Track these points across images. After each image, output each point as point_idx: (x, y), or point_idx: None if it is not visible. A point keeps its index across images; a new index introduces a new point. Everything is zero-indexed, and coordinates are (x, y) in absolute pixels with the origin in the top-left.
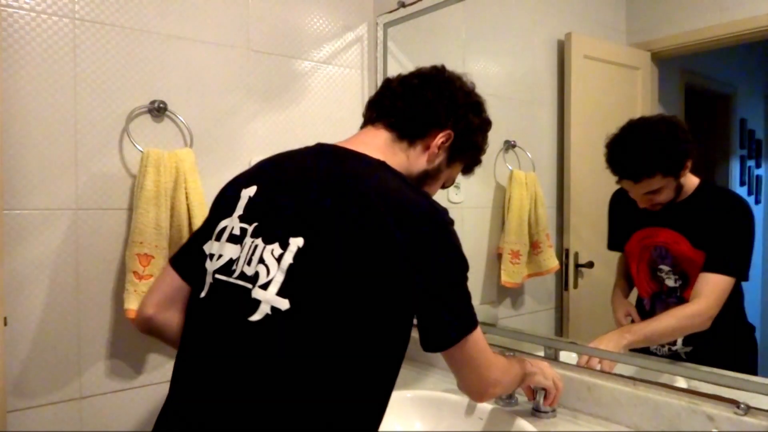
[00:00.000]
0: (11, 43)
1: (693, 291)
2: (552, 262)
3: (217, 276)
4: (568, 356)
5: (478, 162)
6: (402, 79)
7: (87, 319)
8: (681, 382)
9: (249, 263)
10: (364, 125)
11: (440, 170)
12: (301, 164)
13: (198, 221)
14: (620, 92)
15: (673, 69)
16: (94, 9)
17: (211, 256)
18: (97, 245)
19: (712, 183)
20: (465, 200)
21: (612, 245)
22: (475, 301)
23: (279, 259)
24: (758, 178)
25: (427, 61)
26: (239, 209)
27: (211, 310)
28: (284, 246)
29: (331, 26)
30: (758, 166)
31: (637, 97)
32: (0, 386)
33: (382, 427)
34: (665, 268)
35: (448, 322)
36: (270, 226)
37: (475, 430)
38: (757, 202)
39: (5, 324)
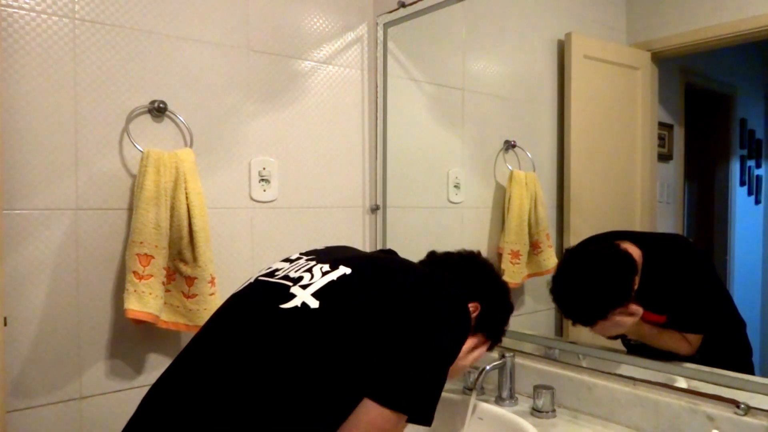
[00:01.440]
0: (11, 43)
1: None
2: (552, 261)
3: (260, 278)
4: (568, 356)
5: (498, 341)
6: (444, 252)
7: (87, 319)
8: (681, 382)
9: (296, 271)
10: None
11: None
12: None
13: (198, 221)
14: (620, 92)
15: (673, 69)
16: (94, 9)
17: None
18: (97, 245)
19: (654, 251)
20: (465, 200)
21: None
22: None
23: (324, 274)
24: (758, 178)
25: (427, 62)
26: (308, 252)
27: (243, 300)
28: (333, 268)
29: (331, 26)
30: (758, 166)
31: (637, 97)
32: (0, 386)
33: None
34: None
35: (393, 382)
36: (326, 257)
37: (475, 430)
38: (757, 202)
39: (5, 324)
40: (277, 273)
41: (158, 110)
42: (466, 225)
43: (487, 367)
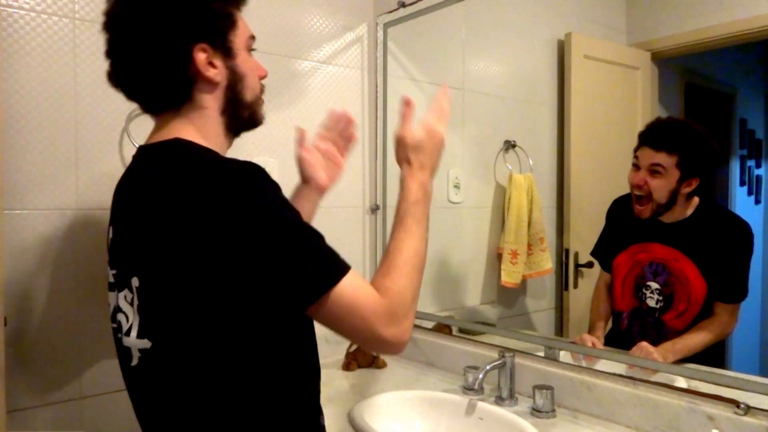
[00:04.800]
0: (11, 43)
1: (714, 312)
2: (546, 264)
3: (112, 324)
4: (568, 356)
5: (224, 23)
6: (113, 64)
7: (87, 319)
8: (681, 382)
9: (117, 312)
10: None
11: (235, 69)
12: (122, 186)
13: None
14: (620, 92)
15: (673, 69)
16: (94, 9)
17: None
18: (97, 245)
19: (711, 202)
20: (465, 200)
21: (598, 252)
22: (475, 300)
23: (131, 303)
24: (758, 178)
25: (427, 62)
26: (109, 254)
27: (118, 357)
28: (130, 289)
29: (331, 26)
30: (758, 166)
31: (637, 97)
32: (0, 386)
33: (383, 427)
34: (654, 285)
35: (292, 282)
36: (119, 270)
37: (475, 430)
38: (757, 202)
39: (5, 324)
40: (113, 316)
41: None
42: (466, 225)
43: (487, 367)
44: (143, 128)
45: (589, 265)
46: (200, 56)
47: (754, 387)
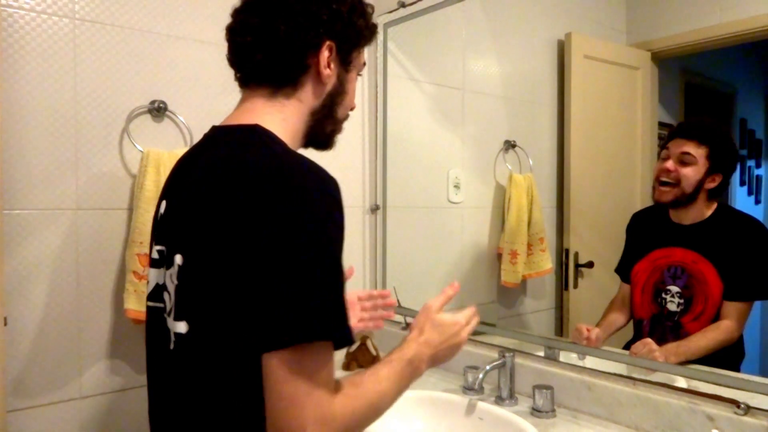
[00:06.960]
0: (11, 43)
1: (721, 315)
2: (546, 264)
3: (149, 303)
4: (568, 356)
5: (366, 35)
6: (241, 21)
7: (87, 319)
8: (681, 382)
9: (163, 291)
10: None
11: (343, 82)
12: (186, 163)
13: None
14: (620, 92)
15: (673, 69)
16: (94, 9)
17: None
18: (97, 245)
19: (728, 206)
20: (465, 200)
21: (621, 267)
22: (475, 300)
23: (173, 282)
24: (758, 178)
25: (427, 62)
26: (155, 229)
27: (150, 340)
28: (170, 264)
29: None
30: (758, 166)
31: (637, 97)
32: (0, 386)
33: (382, 427)
34: (674, 289)
35: (276, 316)
36: (168, 246)
37: (475, 430)
38: (757, 202)
39: (5, 324)
40: (154, 293)
41: (158, 110)
42: (466, 225)
43: (487, 367)
44: (143, 128)
45: (590, 265)
46: (325, 52)
47: (754, 387)
